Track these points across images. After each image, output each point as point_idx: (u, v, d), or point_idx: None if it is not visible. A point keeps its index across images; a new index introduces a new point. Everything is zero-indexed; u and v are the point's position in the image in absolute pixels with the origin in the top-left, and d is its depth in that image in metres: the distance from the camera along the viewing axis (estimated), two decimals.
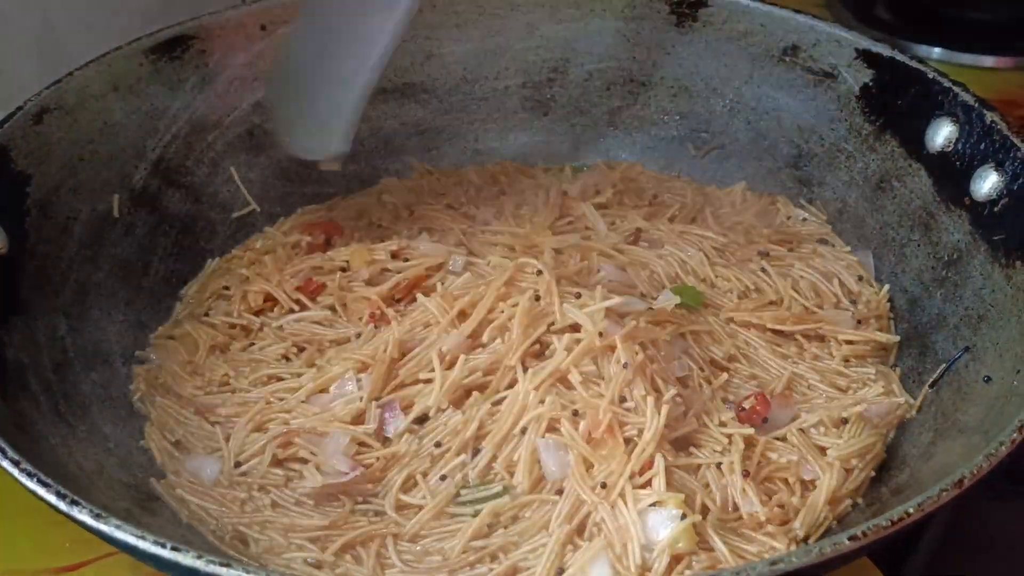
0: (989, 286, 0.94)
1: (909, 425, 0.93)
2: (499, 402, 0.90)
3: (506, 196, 1.16)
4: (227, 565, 0.65)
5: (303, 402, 0.93)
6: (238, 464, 0.90)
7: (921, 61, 1.07)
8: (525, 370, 0.90)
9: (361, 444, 0.90)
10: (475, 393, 0.91)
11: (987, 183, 0.97)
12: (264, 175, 1.17)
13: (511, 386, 0.90)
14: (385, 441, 0.90)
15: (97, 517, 0.69)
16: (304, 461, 0.90)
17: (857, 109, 1.10)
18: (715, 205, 1.15)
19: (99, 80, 1.06)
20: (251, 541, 0.86)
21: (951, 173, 1.01)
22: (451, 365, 0.92)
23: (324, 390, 0.94)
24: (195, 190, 1.13)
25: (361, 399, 0.91)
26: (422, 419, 0.91)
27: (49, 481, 0.72)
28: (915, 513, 0.69)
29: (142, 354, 1.02)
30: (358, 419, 0.91)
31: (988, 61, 1.49)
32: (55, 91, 1.02)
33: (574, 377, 0.89)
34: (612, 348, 0.90)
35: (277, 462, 0.90)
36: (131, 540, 0.68)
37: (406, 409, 0.91)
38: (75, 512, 0.70)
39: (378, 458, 0.89)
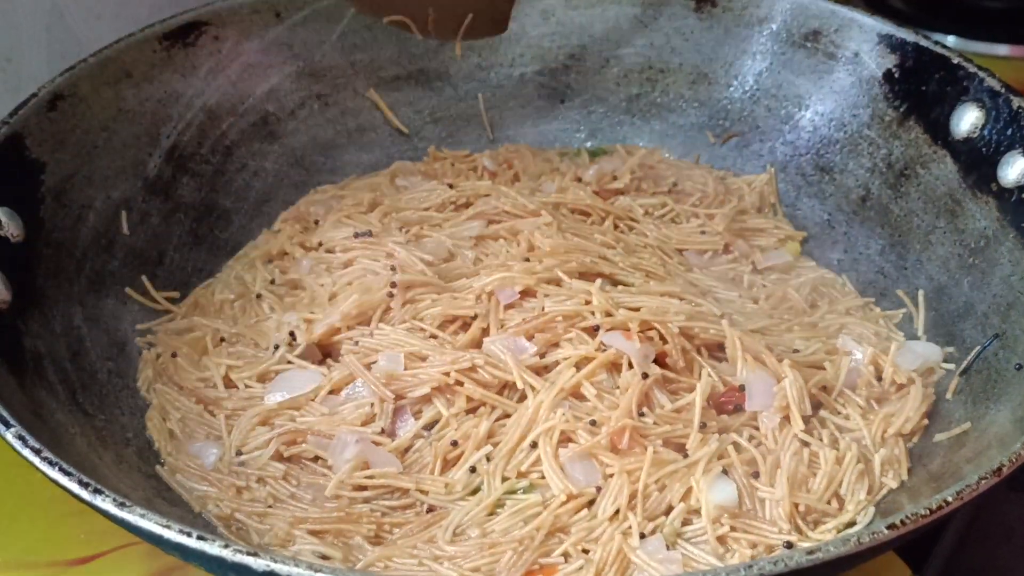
0: (1018, 273, 0.93)
1: (941, 413, 0.92)
2: (508, 415, 0.89)
3: (520, 182, 1.15)
4: (254, 555, 0.64)
5: (312, 400, 0.92)
6: (239, 453, 0.90)
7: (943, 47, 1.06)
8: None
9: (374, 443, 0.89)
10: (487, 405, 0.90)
11: (1015, 169, 0.96)
12: (278, 163, 1.16)
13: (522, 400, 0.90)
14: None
15: (121, 506, 0.68)
16: (313, 460, 0.89)
17: (880, 95, 1.09)
18: (738, 195, 1.14)
19: (113, 67, 1.05)
20: (252, 532, 0.85)
21: (977, 159, 1.00)
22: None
23: (335, 391, 0.93)
24: (209, 178, 1.12)
25: (372, 405, 0.90)
26: (430, 425, 0.90)
27: (71, 470, 0.71)
28: (954, 501, 0.69)
29: (144, 340, 1.00)
30: (368, 422, 0.90)
31: (1002, 50, 1.48)
32: (69, 78, 1.01)
33: (588, 390, 0.88)
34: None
35: (280, 457, 0.89)
36: (156, 529, 0.67)
37: (416, 416, 0.90)
38: (98, 501, 0.69)
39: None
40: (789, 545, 0.81)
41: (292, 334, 0.96)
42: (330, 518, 0.84)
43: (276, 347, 0.96)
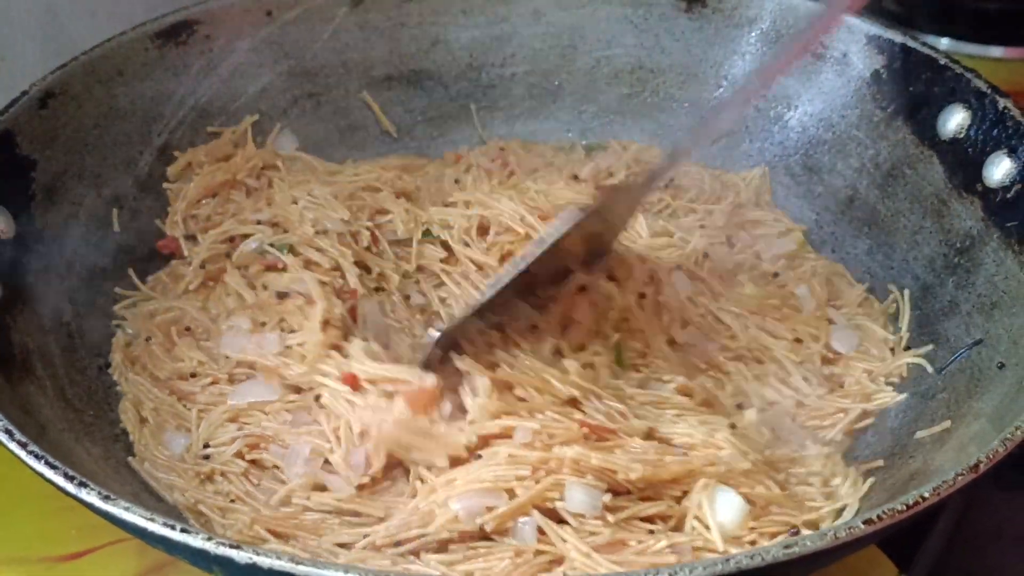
0: (1002, 272, 0.94)
1: (923, 412, 0.92)
2: None
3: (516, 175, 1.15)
4: (237, 547, 0.65)
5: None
6: (206, 446, 0.90)
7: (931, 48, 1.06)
8: None
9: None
10: None
11: (1000, 169, 0.97)
12: None
13: None
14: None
15: (106, 499, 0.68)
16: (274, 466, 0.88)
17: (868, 96, 1.10)
18: (735, 191, 1.14)
19: (104, 65, 1.05)
20: (215, 525, 0.85)
21: (963, 160, 1.01)
22: None
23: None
24: None
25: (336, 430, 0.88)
26: None
27: (57, 463, 0.71)
28: (931, 497, 0.69)
29: (119, 323, 1.00)
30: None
31: (996, 52, 1.48)
32: (60, 76, 1.01)
33: None
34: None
35: (242, 458, 0.89)
36: (140, 522, 0.67)
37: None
38: (83, 494, 0.69)
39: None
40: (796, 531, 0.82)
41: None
42: (287, 524, 0.83)
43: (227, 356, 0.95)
